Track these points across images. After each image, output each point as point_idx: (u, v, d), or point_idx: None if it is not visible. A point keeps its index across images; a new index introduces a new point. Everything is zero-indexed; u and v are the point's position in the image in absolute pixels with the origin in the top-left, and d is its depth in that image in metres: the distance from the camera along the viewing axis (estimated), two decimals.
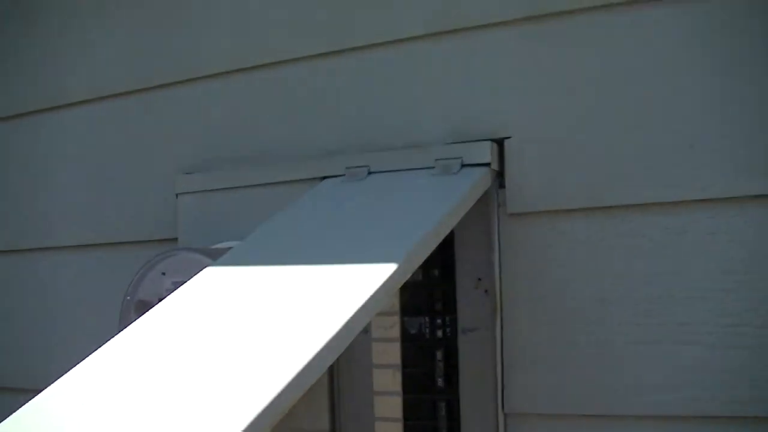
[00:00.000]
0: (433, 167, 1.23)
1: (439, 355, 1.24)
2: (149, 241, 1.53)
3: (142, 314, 1.05)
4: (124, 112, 1.63)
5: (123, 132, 1.63)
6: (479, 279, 1.22)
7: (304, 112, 1.41)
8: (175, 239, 1.48)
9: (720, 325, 1.10)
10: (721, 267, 1.11)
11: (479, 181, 1.18)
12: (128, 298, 1.31)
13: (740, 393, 1.09)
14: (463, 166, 1.21)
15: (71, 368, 0.93)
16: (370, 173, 1.28)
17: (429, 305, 1.26)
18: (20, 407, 0.86)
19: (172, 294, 1.07)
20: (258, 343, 0.90)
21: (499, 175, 1.22)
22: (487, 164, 1.20)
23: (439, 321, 1.25)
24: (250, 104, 1.47)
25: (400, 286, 0.99)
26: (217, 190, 1.44)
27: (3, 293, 1.81)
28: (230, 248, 1.23)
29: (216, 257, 1.19)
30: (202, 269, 1.13)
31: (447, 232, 1.10)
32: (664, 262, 1.14)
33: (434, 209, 1.10)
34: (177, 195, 1.49)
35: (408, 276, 1.00)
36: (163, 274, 1.30)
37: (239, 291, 1.05)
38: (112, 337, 0.99)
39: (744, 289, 1.09)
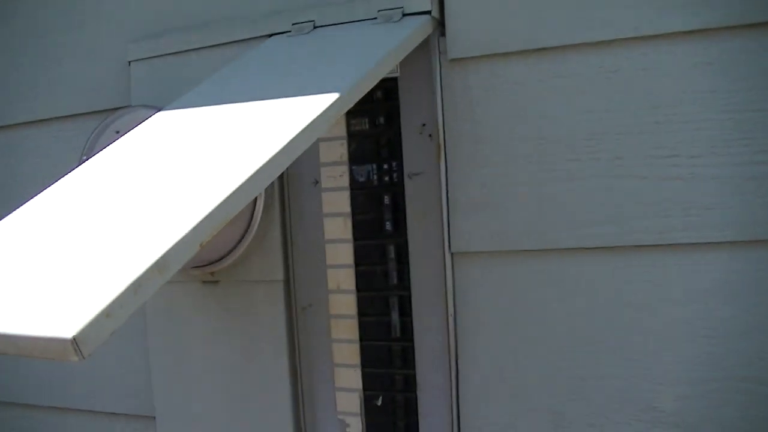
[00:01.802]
0: (376, 18, 1.25)
1: (386, 200, 1.28)
2: (104, 110, 1.54)
3: None
4: None
5: (76, 6, 1.63)
6: (423, 125, 1.26)
7: None
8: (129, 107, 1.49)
9: (653, 157, 1.15)
10: (652, 102, 1.15)
11: (419, 27, 1.20)
12: (84, 157, 1.33)
13: (673, 221, 1.14)
14: (405, 15, 1.23)
15: None
16: (315, 27, 1.31)
17: (376, 153, 1.29)
18: None
19: (122, 137, 1.10)
20: (205, 165, 0.94)
21: (440, 24, 1.25)
22: (428, 12, 1.23)
23: (385, 167, 1.29)
24: None
25: (340, 114, 1.03)
26: (168, 54, 1.46)
27: None
28: None
29: None
30: None
31: (387, 70, 1.13)
32: (598, 99, 1.17)
33: (375, 51, 1.13)
34: (129, 63, 1.51)
35: (348, 107, 1.03)
36: (117, 132, 1.33)
37: (185, 129, 1.08)
38: None
39: (674, 122, 1.14)
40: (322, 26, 1.31)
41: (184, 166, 0.96)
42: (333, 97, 0.99)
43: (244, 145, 0.95)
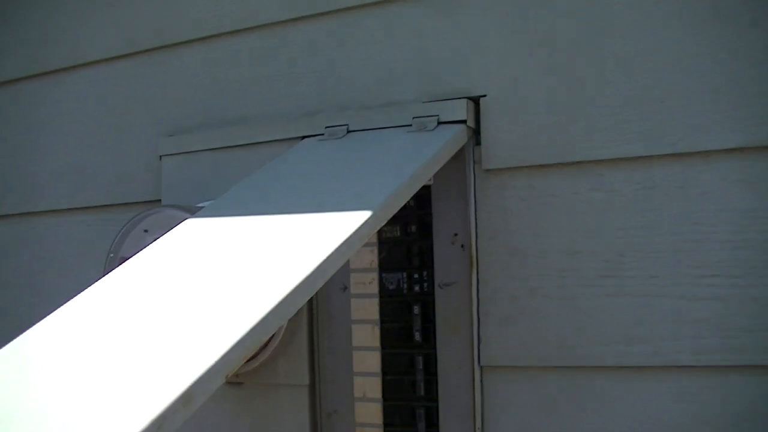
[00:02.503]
0: (411, 125, 1.24)
1: (416, 309, 1.26)
2: (134, 203, 1.54)
3: None
4: (108, 79, 1.64)
5: (107, 98, 1.64)
6: (455, 234, 1.24)
7: (284, 76, 1.42)
8: (159, 201, 1.49)
9: (690, 277, 1.12)
10: (690, 219, 1.12)
11: (455, 137, 1.19)
12: (111, 255, 1.32)
13: (711, 342, 1.11)
14: (440, 123, 1.22)
15: None
16: (349, 132, 1.30)
17: (407, 261, 1.28)
18: None
19: (152, 244, 1.09)
20: (235, 284, 0.92)
21: (476, 133, 1.24)
22: (463, 121, 1.22)
23: (416, 276, 1.27)
24: (231, 68, 1.48)
25: (373, 232, 1.01)
26: (199, 151, 1.45)
27: None
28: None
29: None
30: None
31: (422, 183, 1.12)
32: (634, 215, 1.15)
33: (409, 163, 1.12)
34: (160, 157, 1.50)
35: (381, 224, 1.02)
36: (146, 231, 1.31)
37: (216, 241, 1.07)
38: None
39: (713, 241, 1.11)
40: (355, 130, 1.30)
41: (212, 284, 0.94)
42: (366, 215, 0.98)
43: (273, 265, 0.93)
